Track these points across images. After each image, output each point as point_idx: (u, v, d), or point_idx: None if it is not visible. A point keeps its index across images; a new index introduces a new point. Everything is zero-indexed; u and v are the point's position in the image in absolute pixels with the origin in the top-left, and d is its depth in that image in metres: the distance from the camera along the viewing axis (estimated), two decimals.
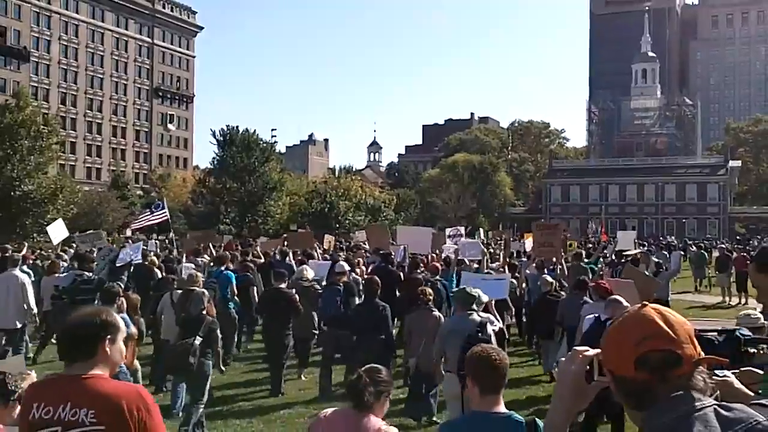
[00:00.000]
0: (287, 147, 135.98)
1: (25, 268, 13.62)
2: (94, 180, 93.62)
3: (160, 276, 13.67)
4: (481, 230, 35.83)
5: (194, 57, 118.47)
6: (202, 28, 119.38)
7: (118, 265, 14.04)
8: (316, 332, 11.84)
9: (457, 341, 7.01)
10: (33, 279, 12.63)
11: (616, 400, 1.81)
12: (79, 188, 58.03)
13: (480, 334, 6.98)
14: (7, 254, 13.27)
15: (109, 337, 3.11)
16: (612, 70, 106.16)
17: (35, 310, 11.50)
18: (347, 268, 12.66)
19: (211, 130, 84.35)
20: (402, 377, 10.43)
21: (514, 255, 21.47)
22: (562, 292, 12.30)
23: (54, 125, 54.11)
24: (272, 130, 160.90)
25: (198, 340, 7.94)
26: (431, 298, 9.34)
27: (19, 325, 11.13)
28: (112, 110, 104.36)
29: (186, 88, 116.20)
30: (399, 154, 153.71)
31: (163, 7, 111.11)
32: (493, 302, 8.83)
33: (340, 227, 65.41)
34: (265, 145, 69.33)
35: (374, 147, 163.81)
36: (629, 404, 1.74)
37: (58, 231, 19.07)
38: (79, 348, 3.09)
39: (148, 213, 22.10)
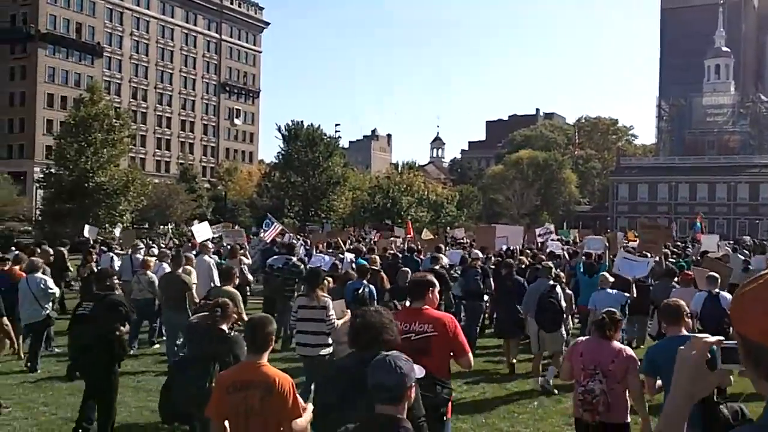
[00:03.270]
0: (350, 142, 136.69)
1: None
2: (164, 173, 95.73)
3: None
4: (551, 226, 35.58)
5: (260, 52, 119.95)
6: (268, 23, 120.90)
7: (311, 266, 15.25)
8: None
9: (534, 297, 11.24)
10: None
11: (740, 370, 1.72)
12: (149, 180, 59.33)
13: (550, 295, 11.02)
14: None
15: (431, 288, 5.75)
16: (683, 65, 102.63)
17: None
18: (481, 255, 16.70)
19: (277, 124, 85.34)
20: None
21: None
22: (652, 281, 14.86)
23: (126, 119, 55.40)
24: (336, 125, 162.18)
25: None
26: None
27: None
28: (181, 105, 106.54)
29: (252, 84, 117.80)
30: (462, 150, 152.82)
31: (231, 3, 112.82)
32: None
33: (403, 222, 65.38)
34: (328, 140, 69.80)
35: (437, 143, 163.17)
36: (760, 373, 1.60)
37: (203, 231, 21.31)
38: (418, 292, 5.74)
39: (264, 232, 24.42)
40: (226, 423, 4.52)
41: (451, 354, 5.65)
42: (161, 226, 52.68)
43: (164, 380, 6.80)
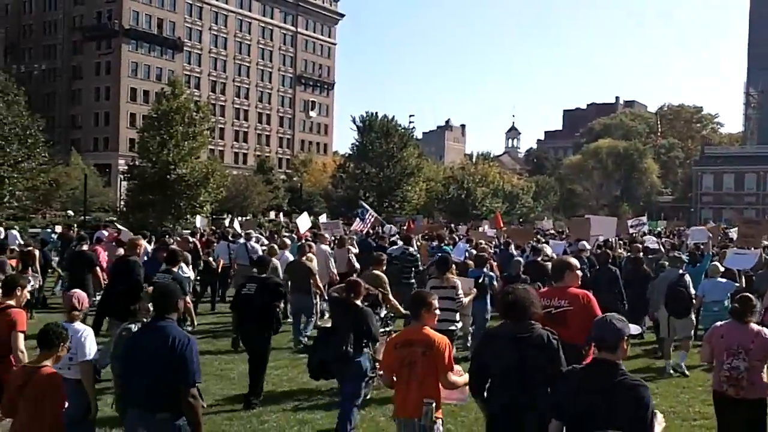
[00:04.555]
0: (424, 133, 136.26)
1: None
2: (241, 164, 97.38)
3: None
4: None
5: (335, 44, 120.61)
6: (343, 15, 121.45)
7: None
8: None
9: (664, 286, 11.77)
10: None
11: None
12: (228, 172, 60.34)
13: (680, 284, 11.48)
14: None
15: (570, 269, 6.64)
16: None
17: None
18: (588, 246, 17.14)
19: (351, 116, 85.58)
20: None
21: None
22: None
23: (205, 112, 56.28)
24: (410, 116, 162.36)
25: None
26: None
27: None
28: (258, 97, 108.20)
29: (327, 76, 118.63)
30: (538, 140, 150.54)
31: None
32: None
33: (477, 213, 64.77)
34: (403, 130, 69.57)
35: (512, 133, 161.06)
36: None
37: (304, 222, 23.18)
38: (558, 273, 6.62)
39: (359, 221, 25.74)
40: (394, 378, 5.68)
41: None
42: (239, 217, 53.57)
43: (245, 369, 9.52)
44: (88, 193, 47.51)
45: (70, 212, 55.79)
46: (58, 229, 26.88)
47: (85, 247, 14.77)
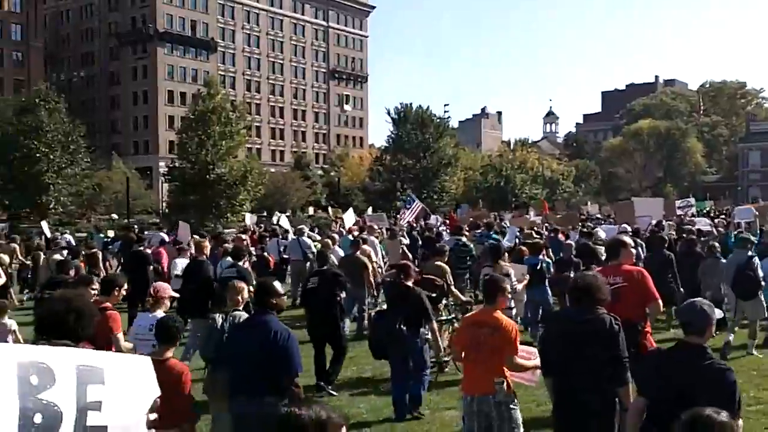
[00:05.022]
0: (460, 122, 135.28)
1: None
2: (278, 162, 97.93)
3: None
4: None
5: (367, 37, 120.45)
6: (374, 7, 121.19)
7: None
8: None
9: (732, 268, 11.46)
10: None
11: None
12: (266, 170, 60.71)
13: (749, 266, 11.20)
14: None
15: (624, 247, 7.10)
16: None
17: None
18: (629, 229, 17.20)
19: (386, 108, 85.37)
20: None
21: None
22: None
23: (241, 111, 56.82)
24: (445, 105, 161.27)
25: None
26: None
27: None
28: (293, 94, 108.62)
29: (360, 69, 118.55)
30: (577, 124, 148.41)
31: None
32: None
33: (517, 201, 64.23)
34: (438, 120, 69.27)
35: (550, 117, 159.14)
36: None
37: (349, 217, 24.27)
38: (614, 252, 6.98)
39: (405, 210, 26.38)
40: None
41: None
42: (278, 214, 53.92)
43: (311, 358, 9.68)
44: (130, 196, 48.22)
45: (114, 215, 56.70)
46: (110, 233, 27.56)
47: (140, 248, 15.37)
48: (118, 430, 2.51)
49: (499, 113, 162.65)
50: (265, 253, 17.82)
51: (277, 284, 5.93)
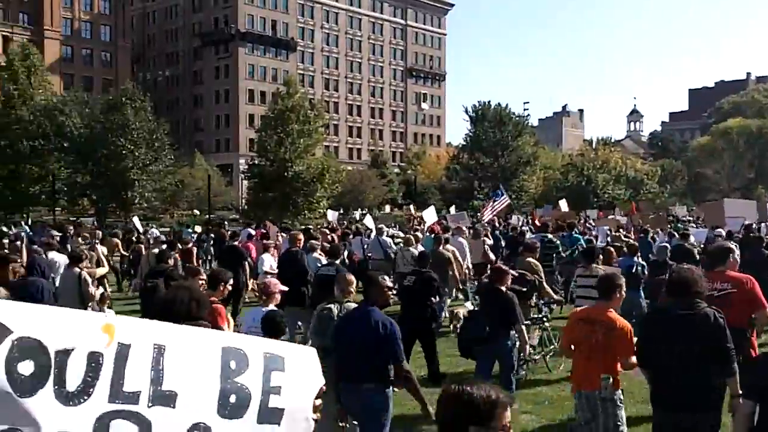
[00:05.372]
0: (539, 120, 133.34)
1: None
2: (356, 160, 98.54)
3: None
4: None
5: (445, 35, 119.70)
6: (452, 5, 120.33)
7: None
8: None
9: None
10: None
11: None
12: (343, 168, 61.07)
13: None
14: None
15: (730, 253, 7.21)
16: None
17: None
18: (723, 233, 16.73)
19: (463, 106, 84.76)
20: None
21: None
22: None
23: (319, 109, 57.37)
24: (524, 103, 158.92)
25: None
26: None
27: None
28: (370, 92, 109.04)
29: (438, 67, 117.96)
30: (662, 122, 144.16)
31: None
32: None
33: (599, 201, 62.59)
34: (517, 119, 68.29)
35: (634, 116, 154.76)
36: None
37: (430, 215, 24.52)
38: (720, 258, 7.13)
39: (492, 202, 26.59)
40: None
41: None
42: (355, 212, 54.02)
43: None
44: (211, 193, 49.18)
45: (196, 211, 58.07)
46: (198, 228, 28.20)
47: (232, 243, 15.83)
48: (293, 413, 2.76)
49: (581, 111, 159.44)
50: (347, 251, 17.82)
51: (385, 278, 6.33)
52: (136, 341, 2.48)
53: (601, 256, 10.82)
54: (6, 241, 13.14)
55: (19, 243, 12.74)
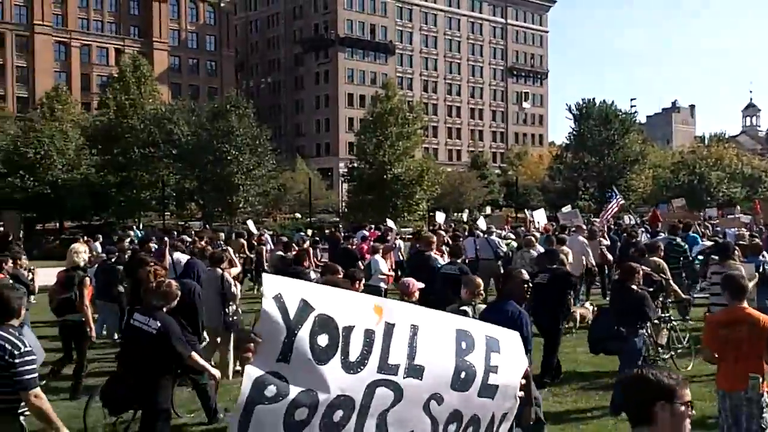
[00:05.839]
0: (647, 117, 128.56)
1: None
2: (455, 161, 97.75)
3: None
4: None
5: (547, 32, 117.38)
6: (554, 1, 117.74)
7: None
8: None
9: None
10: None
11: None
12: (442, 170, 60.65)
13: None
14: None
15: None
16: None
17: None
18: None
19: (566, 104, 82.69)
20: None
21: None
22: None
23: (418, 111, 57.17)
24: (631, 99, 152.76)
25: None
26: None
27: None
28: (470, 93, 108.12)
29: (540, 65, 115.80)
30: None
31: None
32: None
33: (712, 200, 59.55)
34: (624, 116, 66.11)
35: (750, 110, 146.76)
36: None
37: (540, 215, 24.78)
38: None
39: (608, 203, 26.68)
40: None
41: None
42: (455, 214, 53.46)
43: None
44: (312, 196, 49.77)
45: (298, 214, 58.94)
46: (309, 232, 28.65)
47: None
48: (506, 390, 3.15)
49: (692, 107, 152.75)
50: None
51: (523, 272, 6.69)
52: (398, 321, 2.91)
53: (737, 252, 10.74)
54: (152, 245, 13.91)
55: (163, 247, 13.19)
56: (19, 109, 69.82)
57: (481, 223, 25.67)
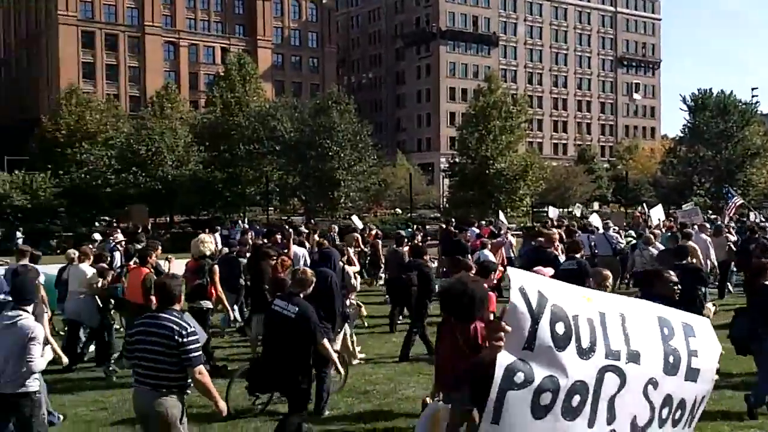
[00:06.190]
0: None
1: None
2: (561, 155, 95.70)
3: None
4: None
5: (660, 20, 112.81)
6: None
7: None
8: None
9: None
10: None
11: None
12: (547, 164, 59.14)
13: None
14: None
15: None
16: None
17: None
18: None
19: (680, 95, 78.82)
20: None
21: None
22: None
23: (522, 104, 55.87)
24: (752, 89, 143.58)
25: None
26: None
27: None
28: (577, 84, 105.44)
29: (651, 54, 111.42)
30: None
31: None
32: None
33: None
34: (743, 106, 62.45)
35: None
36: None
37: (658, 213, 24.09)
38: None
39: (725, 203, 26.67)
40: None
41: None
42: (560, 210, 51.81)
43: None
44: (413, 192, 49.34)
45: (398, 210, 58.71)
46: (415, 227, 28.53)
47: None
48: (705, 373, 3.25)
49: None
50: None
51: (671, 274, 6.83)
52: (607, 310, 3.04)
53: None
54: (278, 236, 14.64)
55: (286, 240, 13.99)
56: (131, 108, 72.74)
57: (595, 220, 24.77)
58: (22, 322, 5.66)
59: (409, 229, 26.79)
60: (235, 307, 12.55)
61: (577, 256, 10.92)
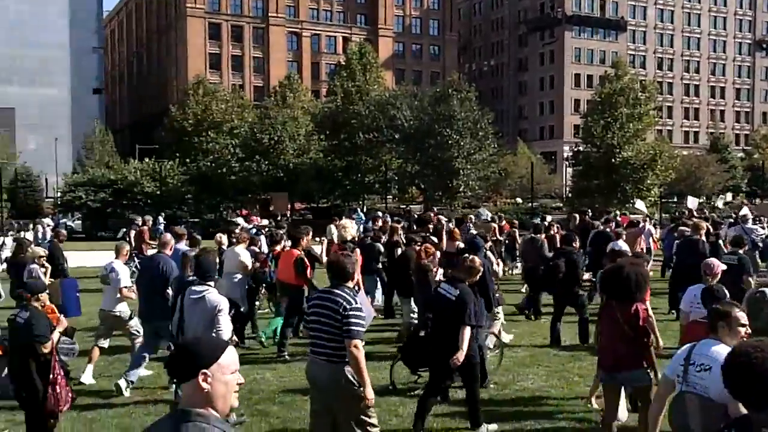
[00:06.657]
0: None
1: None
2: (692, 143, 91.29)
3: None
4: None
5: None
6: None
7: None
8: None
9: None
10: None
11: None
12: (677, 153, 56.29)
13: None
14: None
15: None
16: None
17: None
18: None
19: None
20: None
21: None
22: None
23: (651, 91, 53.49)
24: None
25: None
26: None
27: None
28: (710, 70, 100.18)
29: None
30: None
31: None
32: None
33: None
34: None
35: None
36: None
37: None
38: None
39: None
40: None
41: None
42: (696, 198, 49.11)
43: None
44: (534, 181, 48.19)
45: (519, 200, 57.59)
46: (548, 218, 27.98)
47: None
48: None
49: None
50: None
51: None
52: None
53: None
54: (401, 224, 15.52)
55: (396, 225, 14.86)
56: (255, 98, 74.88)
57: (746, 212, 23.53)
58: (209, 296, 6.46)
59: (538, 219, 26.22)
60: (378, 289, 13.37)
61: (740, 251, 10.48)
